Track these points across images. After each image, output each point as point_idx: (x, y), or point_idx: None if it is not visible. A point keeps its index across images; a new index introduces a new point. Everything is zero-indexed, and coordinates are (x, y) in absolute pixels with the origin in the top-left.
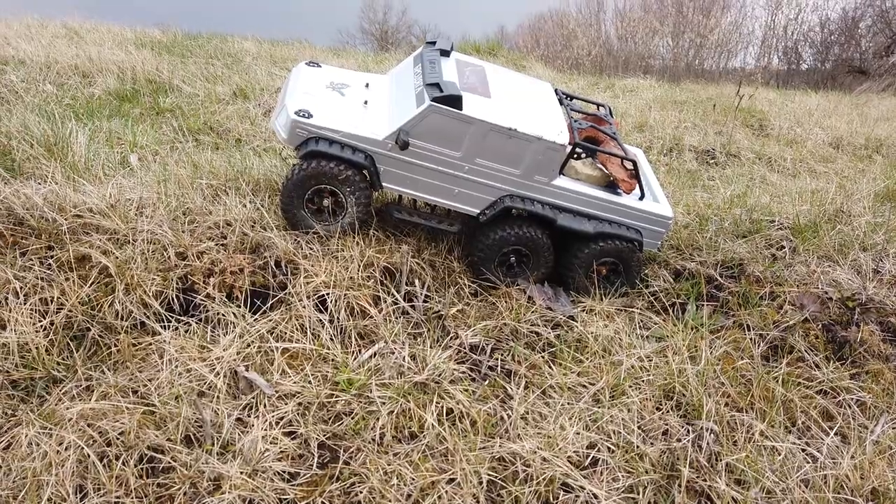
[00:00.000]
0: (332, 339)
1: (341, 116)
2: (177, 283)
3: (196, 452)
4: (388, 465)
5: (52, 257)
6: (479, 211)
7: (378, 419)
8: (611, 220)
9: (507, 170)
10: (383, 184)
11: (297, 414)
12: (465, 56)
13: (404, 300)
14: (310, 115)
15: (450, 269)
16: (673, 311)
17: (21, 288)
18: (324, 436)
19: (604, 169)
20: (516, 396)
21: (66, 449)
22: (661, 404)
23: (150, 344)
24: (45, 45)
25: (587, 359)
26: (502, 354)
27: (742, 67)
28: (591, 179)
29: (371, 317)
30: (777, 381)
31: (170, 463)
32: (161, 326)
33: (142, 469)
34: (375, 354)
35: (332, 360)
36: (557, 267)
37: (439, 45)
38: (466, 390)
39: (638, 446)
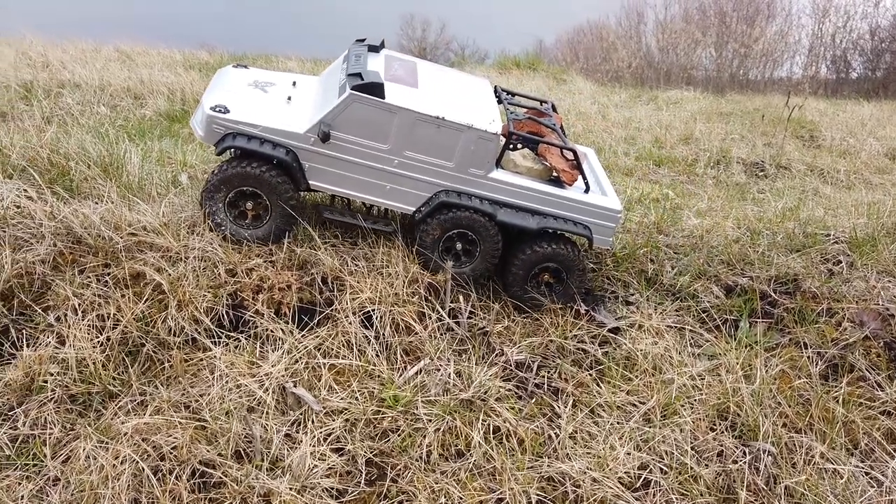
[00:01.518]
0: (377, 356)
1: (261, 111)
2: (227, 300)
3: (246, 468)
4: (436, 483)
5: (108, 274)
6: (413, 208)
7: (424, 437)
8: (555, 216)
9: (439, 163)
10: (310, 182)
11: (345, 430)
12: (397, 53)
13: (449, 317)
14: (227, 111)
15: (494, 286)
16: (725, 329)
17: (79, 305)
18: (371, 453)
19: (545, 163)
20: (564, 415)
21: (121, 463)
22: (715, 424)
23: (202, 359)
24: (98, 68)
25: (636, 377)
26: (549, 372)
27: (788, 77)
28: (533, 173)
29: (416, 333)
30: (837, 401)
31: (221, 478)
32: (212, 342)
33: (194, 484)
34: (421, 371)
35: (378, 376)
36: (501, 272)
37: (368, 42)
38: (513, 408)
39: (692, 468)
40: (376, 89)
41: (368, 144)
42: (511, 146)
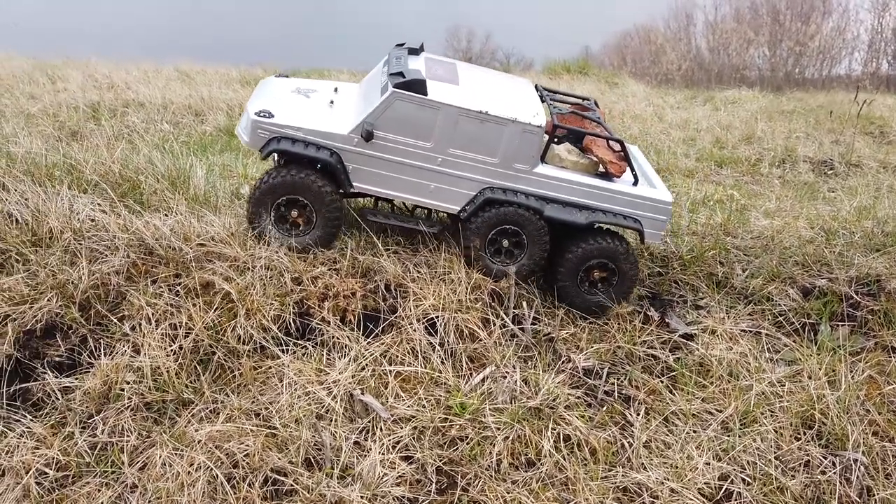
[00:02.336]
0: (442, 363)
1: (304, 115)
2: (293, 308)
3: (317, 476)
4: (507, 493)
5: (179, 284)
6: (459, 208)
7: (494, 445)
8: (604, 210)
9: (483, 159)
10: (354, 183)
11: (413, 438)
12: (437, 55)
13: (513, 323)
14: (271, 115)
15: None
16: (804, 333)
17: (153, 314)
18: (440, 461)
19: (592, 157)
20: (637, 423)
21: (196, 470)
22: (799, 433)
23: (270, 367)
24: (160, 87)
25: (711, 384)
26: (618, 379)
27: (847, 74)
28: (579, 167)
29: (480, 340)
30: None
31: (292, 486)
32: (280, 350)
33: (266, 491)
34: (487, 378)
35: (444, 383)
36: (550, 273)
37: (408, 45)
38: (583, 416)
39: (777, 479)
40: (419, 86)
41: (412, 143)
42: (556, 140)
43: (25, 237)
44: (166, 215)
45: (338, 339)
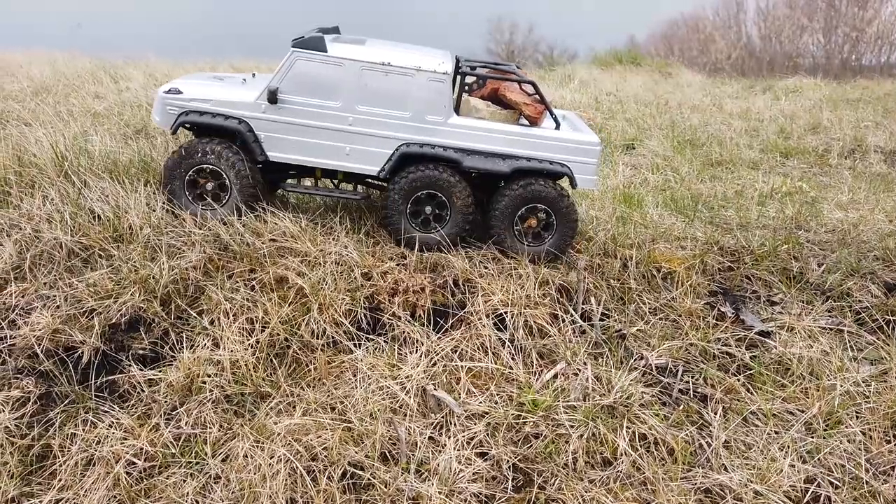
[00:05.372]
0: (513, 359)
1: (213, 90)
2: (364, 303)
3: (393, 470)
4: (586, 492)
5: (254, 279)
6: (377, 168)
7: (569, 443)
8: (528, 157)
9: (394, 114)
10: (268, 153)
11: (487, 434)
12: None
13: (582, 319)
14: (179, 92)
15: (626, 287)
16: (889, 330)
17: (230, 308)
18: (515, 458)
19: (512, 105)
20: (714, 423)
21: (277, 462)
22: (889, 436)
23: (344, 362)
24: None
25: (792, 383)
26: (693, 377)
27: None
28: (497, 118)
29: (550, 336)
30: None
31: (370, 480)
32: (353, 345)
33: (345, 485)
34: (558, 375)
35: (515, 379)
36: (485, 226)
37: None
38: (658, 415)
39: (868, 483)
40: (317, 42)
41: (319, 104)
42: (466, 88)
43: (108, 233)
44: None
45: (408, 334)
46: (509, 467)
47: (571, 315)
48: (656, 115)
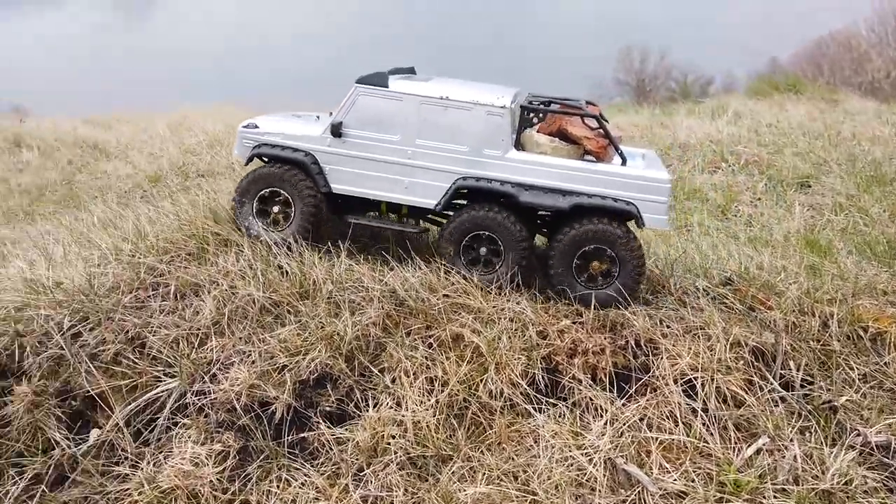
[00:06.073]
0: (707, 430)
1: (287, 125)
2: (541, 363)
3: None
4: None
5: (431, 336)
6: (434, 202)
7: None
8: (590, 194)
9: (452, 148)
10: (331, 184)
11: None
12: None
13: (782, 387)
14: (256, 127)
15: (829, 349)
16: None
17: (410, 367)
18: None
19: (575, 140)
20: None
21: None
22: None
23: (524, 426)
24: None
25: None
26: None
27: None
28: (560, 153)
29: (747, 405)
30: None
31: None
32: (532, 407)
33: None
34: (760, 451)
35: (712, 455)
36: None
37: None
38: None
39: None
40: (379, 79)
41: (380, 137)
42: (528, 123)
43: (294, 289)
44: (414, 268)
45: (591, 399)
46: None
47: (770, 382)
48: (829, 147)
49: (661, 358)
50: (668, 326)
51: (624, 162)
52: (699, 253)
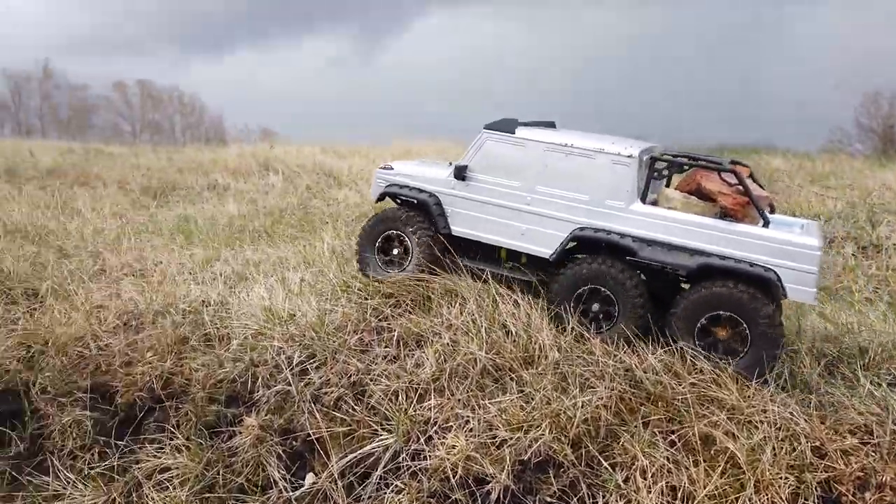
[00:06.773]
0: None
1: (418, 168)
2: (816, 490)
3: None
4: None
5: (674, 432)
6: (550, 251)
7: None
8: (722, 255)
9: (573, 196)
10: (451, 226)
11: None
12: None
13: None
14: (391, 168)
15: None
16: None
17: (648, 467)
18: None
19: (709, 196)
20: None
21: None
22: None
23: None
24: None
25: None
26: None
27: None
28: (692, 209)
29: None
30: None
31: None
32: None
33: None
34: None
35: None
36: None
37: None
38: None
39: None
40: (507, 125)
41: (502, 182)
42: (656, 175)
43: (519, 353)
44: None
45: None
46: None
47: None
48: None
49: None
50: None
51: (766, 224)
52: None
